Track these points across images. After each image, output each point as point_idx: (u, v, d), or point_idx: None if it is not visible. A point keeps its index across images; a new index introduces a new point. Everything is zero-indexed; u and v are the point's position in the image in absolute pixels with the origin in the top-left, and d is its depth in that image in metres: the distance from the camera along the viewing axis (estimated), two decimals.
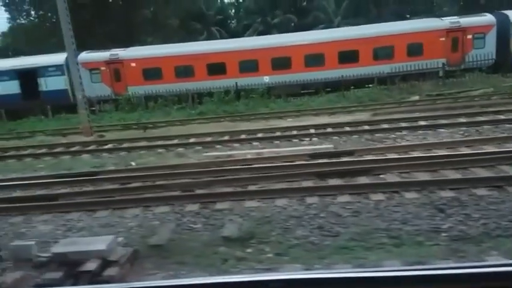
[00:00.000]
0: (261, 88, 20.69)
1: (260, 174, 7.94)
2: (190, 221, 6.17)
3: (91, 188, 8.19)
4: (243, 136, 12.59)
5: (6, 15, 47.93)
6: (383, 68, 21.06)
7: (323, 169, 7.62)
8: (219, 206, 6.57)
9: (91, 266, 4.60)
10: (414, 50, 21.25)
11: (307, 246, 5.18)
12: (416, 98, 17.88)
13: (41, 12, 44.78)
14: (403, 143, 9.72)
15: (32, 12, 47.17)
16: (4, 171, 10.57)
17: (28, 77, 22.86)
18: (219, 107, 19.99)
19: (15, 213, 6.87)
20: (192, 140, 12.71)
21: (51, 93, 22.86)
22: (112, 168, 9.93)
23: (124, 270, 4.75)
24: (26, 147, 13.72)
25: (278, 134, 12.49)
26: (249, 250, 5.25)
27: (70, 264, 4.79)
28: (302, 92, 22.32)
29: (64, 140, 14.97)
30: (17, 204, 7.13)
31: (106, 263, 4.74)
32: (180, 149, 11.54)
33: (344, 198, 6.28)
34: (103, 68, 22.74)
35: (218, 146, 11.51)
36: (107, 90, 23.01)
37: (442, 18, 22.50)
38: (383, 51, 21.55)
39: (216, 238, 5.62)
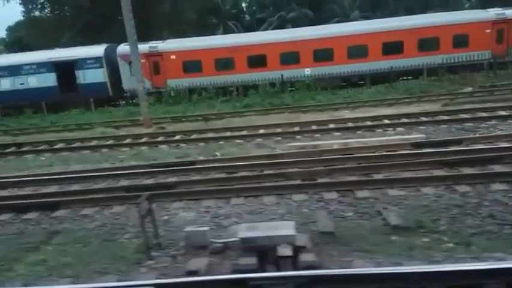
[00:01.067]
0: (308, 80, 20.50)
1: (374, 163, 7.75)
2: (339, 209, 6.00)
3: (199, 177, 8.00)
4: (314, 127, 12.39)
5: (21, 8, 47.73)
6: (428, 59, 20.79)
7: (447, 158, 7.42)
8: (360, 194, 6.38)
9: (286, 251, 4.42)
10: (460, 41, 20.98)
11: (488, 236, 4.99)
12: (469, 89, 17.64)
13: (56, 5, 44.41)
14: (501, 132, 9.52)
15: (47, 5, 46.72)
16: (87, 162, 10.40)
17: (65, 70, 22.64)
18: (265, 99, 19.81)
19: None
20: (262, 131, 12.52)
21: (89, 86, 22.65)
22: (201, 158, 9.75)
23: (316, 256, 4.57)
24: (90, 138, 13.55)
25: (351, 124, 12.29)
26: (425, 239, 5.06)
27: (254, 250, 4.62)
28: (343, 84, 22.22)
29: (122, 132, 14.80)
30: (141, 193, 6.94)
31: (296, 249, 4.57)
32: (258, 140, 11.34)
33: (496, 186, 6.09)
34: (142, 61, 22.42)
35: (297, 137, 11.32)
36: (146, 83, 22.69)
37: (487, 10, 22.21)
38: (428, 43, 21.28)
39: (379, 226, 5.44)
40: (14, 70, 22.78)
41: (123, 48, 22.81)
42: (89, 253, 5.33)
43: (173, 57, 22.37)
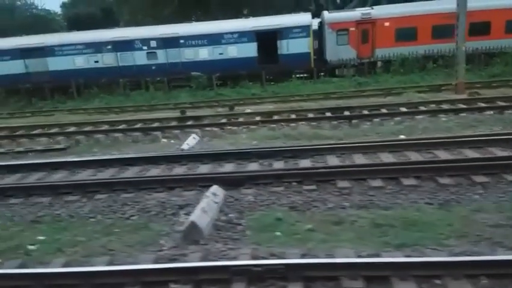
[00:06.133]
0: None
1: None
2: None
3: None
4: None
5: None
6: None
7: None
8: None
9: None
10: None
11: None
12: None
13: None
14: None
15: None
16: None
17: (266, 39, 21.58)
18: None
19: None
20: None
21: (291, 57, 21.51)
22: None
23: None
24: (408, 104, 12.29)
25: None
26: None
27: None
28: None
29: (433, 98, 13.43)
30: None
31: None
32: None
33: None
34: (351, 29, 21.13)
35: None
36: (352, 54, 21.44)
37: None
38: None
39: None
40: (213, 39, 21.96)
41: (332, 16, 21.61)
42: None
43: (386, 24, 20.86)
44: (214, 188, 5.74)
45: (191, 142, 9.46)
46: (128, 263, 4.26)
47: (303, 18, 21.76)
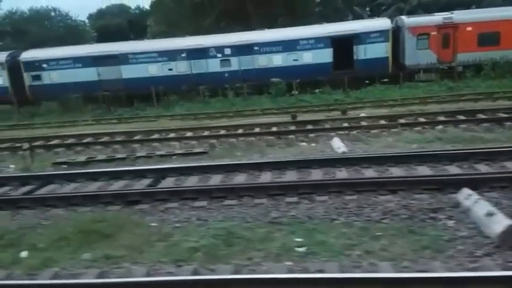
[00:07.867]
0: None
1: None
2: None
3: None
4: None
5: None
6: None
7: None
8: None
9: None
10: None
11: None
12: None
13: None
14: None
15: None
16: None
17: (342, 45, 21.29)
18: None
19: None
20: None
21: (367, 62, 21.18)
22: None
23: None
24: None
25: None
26: None
27: None
28: None
29: None
30: None
31: None
32: None
33: None
34: (433, 33, 20.68)
35: None
36: (433, 58, 20.95)
37: None
38: None
39: None
40: (288, 45, 21.77)
41: (413, 19, 21.29)
42: None
43: (469, 28, 20.34)
44: (469, 191, 5.34)
45: (341, 145, 9.09)
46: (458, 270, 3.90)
47: (381, 22, 21.47)
